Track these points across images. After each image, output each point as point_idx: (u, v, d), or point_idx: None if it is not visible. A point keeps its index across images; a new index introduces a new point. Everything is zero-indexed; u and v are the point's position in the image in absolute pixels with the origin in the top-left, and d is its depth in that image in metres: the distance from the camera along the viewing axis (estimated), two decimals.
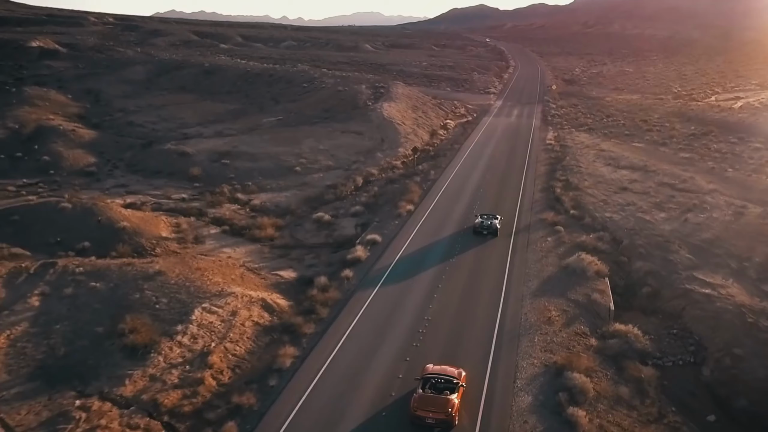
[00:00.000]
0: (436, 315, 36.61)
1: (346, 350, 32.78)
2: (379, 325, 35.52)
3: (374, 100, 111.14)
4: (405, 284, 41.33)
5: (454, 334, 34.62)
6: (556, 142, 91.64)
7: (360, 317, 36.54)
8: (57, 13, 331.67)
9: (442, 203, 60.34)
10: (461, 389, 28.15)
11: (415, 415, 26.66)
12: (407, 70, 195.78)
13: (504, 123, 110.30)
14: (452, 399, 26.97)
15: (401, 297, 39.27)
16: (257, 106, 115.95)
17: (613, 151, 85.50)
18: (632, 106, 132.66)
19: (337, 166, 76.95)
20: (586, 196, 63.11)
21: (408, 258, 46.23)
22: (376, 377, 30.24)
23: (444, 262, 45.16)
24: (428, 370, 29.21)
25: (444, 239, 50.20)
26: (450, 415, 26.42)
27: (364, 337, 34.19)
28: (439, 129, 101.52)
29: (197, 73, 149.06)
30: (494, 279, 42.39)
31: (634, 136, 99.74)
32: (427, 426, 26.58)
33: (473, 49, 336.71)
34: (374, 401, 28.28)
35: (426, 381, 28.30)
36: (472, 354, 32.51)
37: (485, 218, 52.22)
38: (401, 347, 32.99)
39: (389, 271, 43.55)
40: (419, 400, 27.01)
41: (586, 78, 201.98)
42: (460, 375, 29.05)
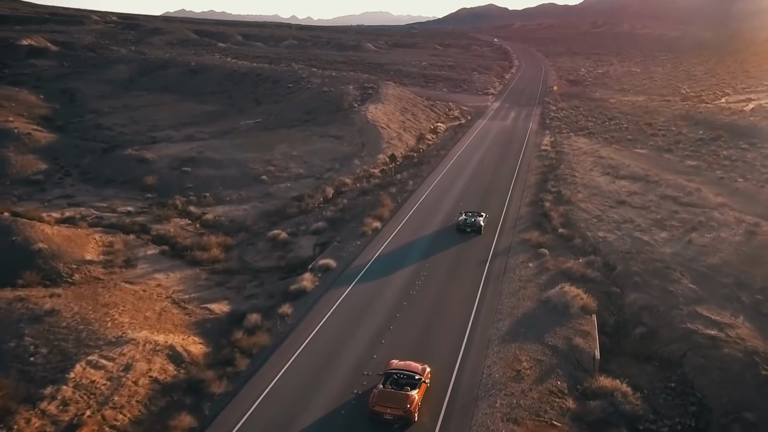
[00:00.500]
0: (376, 371, 29.91)
1: (255, 421, 26.16)
2: (306, 384, 28.84)
3: (361, 101, 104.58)
4: (350, 326, 34.59)
5: None
6: (552, 148, 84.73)
7: (284, 373, 29.87)
8: (61, 11, 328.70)
9: (413, 221, 53.52)
10: (423, 386, 27.63)
11: (373, 411, 26.02)
12: (405, 69, 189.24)
13: (498, 126, 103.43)
14: (412, 395, 26.34)
15: (342, 344, 32.56)
16: (238, 108, 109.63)
17: (612, 159, 78.52)
18: (637, 108, 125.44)
19: (308, 174, 70.37)
20: (578, 212, 56.23)
21: (361, 289, 39.50)
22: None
23: (403, 294, 38.44)
24: (392, 366, 28.74)
25: (408, 266, 43.31)
26: (408, 411, 25.80)
27: (282, 402, 27.52)
28: (428, 133, 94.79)
29: (182, 73, 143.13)
30: (457, 320, 35.56)
31: (637, 141, 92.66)
32: (386, 422, 25.82)
33: (478, 49, 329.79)
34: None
35: (388, 376, 27.72)
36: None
37: (469, 215, 51.20)
38: (327, 422, 26.33)
39: (335, 307, 36.85)
40: (378, 395, 26.42)
41: (592, 78, 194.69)
42: (424, 371, 28.42)
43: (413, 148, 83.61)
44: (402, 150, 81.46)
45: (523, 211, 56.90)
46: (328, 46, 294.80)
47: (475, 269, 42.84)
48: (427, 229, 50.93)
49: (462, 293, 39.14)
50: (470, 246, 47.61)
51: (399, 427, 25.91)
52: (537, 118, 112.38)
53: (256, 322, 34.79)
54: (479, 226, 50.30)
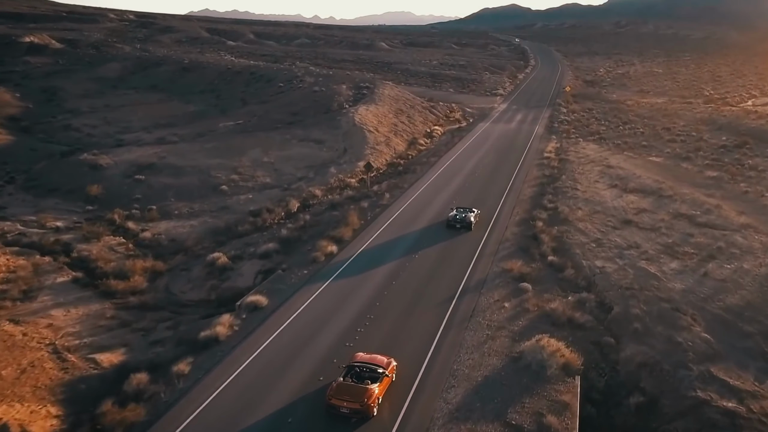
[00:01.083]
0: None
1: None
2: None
3: (353, 102, 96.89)
4: (257, 394, 26.85)
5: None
6: (556, 155, 76.32)
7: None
8: (79, 10, 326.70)
9: (375, 245, 45.60)
10: (386, 380, 26.58)
11: (329, 404, 25.02)
12: (413, 69, 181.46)
13: (501, 130, 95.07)
14: (371, 389, 25.29)
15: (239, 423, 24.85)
16: (222, 108, 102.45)
17: (622, 168, 69.96)
18: (656, 111, 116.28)
19: (275, 183, 62.77)
20: (574, 234, 48.00)
21: (289, 339, 31.70)
22: None
23: (336, 350, 30.55)
24: (356, 358, 27.84)
25: (352, 310, 35.28)
26: (365, 405, 24.70)
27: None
28: (422, 137, 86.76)
29: (174, 71, 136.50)
30: (401, 383, 27.68)
31: (653, 147, 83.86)
32: (342, 416, 24.77)
33: (495, 48, 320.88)
34: None
35: (350, 369, 26.85)
36: None
37: (460, 211, 50.06)
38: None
39: (244, 366, 29.12)
40: (336, 388, 25.43)
41: (610, 79, 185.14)
42: (389, 365, 27.39)
43: (401, 154, 75.63)
44: (388, 156, 73.56)
45: (510, 232, 48.71)
46: (340, 45, 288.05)
47: (435, 312, 34.73)
48: (389, 257, 42.97)
49: (415, 343, 31.17)
50: (439, 275, 39.69)
51: (356, 421, 24.70)
52: (545, 121, 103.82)
53: (140, 386, 27.26)
54: (469, 222, 48.52)
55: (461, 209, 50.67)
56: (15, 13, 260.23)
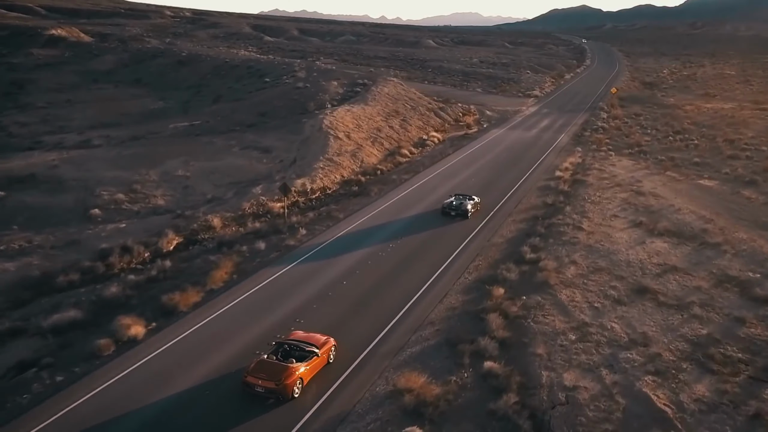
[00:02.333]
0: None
1: None
2: None
3: (340, 101, 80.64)
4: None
5: None
6: (572, 174, 57.95)
7: None
8: (140, 7, 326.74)
9: (218, 325, 28.84)
10: (316, 360, 24.06)
11: (245, 381, 22.77)
12: (447, 66, 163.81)
13: (515, 139, 76.71)
14: (292, 368, 22.88)
15: None
16: (188, 106, 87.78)
17: (657, 196, 51.11)
18: (719, 118, 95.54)
19: (171, 207, 46.75)
20: (549, 313, 30.18)
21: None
22: None
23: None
24: (291, 336, 25.77)
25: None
26: (282, 385, 22.26)
27: None
28: (409, 146, 69.44)
29: (169, 64, 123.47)
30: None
31: (707, 166, 64.40)
32: (258, 396, 22.32)
33: (552, 48, 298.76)
34: None
35: (279, 346, 24.68)
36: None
37: (458, 197, 46.61)
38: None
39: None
40: (255, 364, 23.16)
41: (673, 81, 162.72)
42: (325, 344, 24.87)
43: (368, 169, 58.53)
44: (347, 171, 56.62)
45: (444, 307, 31.14)
46: (385, 42, 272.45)
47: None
48: (221, 354, 26.17)
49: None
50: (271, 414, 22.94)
51: (273, 402, 22.19)
52: (575, 128, 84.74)
53: None
54: (466, 210, 44.85)
55: (460, 195, 46.85)
56: (72, 9, 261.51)
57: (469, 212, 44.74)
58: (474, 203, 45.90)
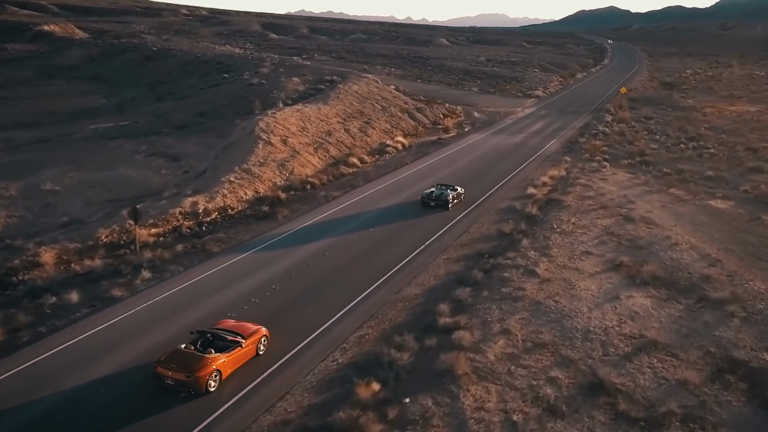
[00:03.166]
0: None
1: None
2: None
3: (296, 99, 70.10)
4: None
5: None
6: (548, 192, 46.37)
7: None
8: (157, 6, 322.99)
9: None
10: (239, 351, 21.36)
11: (154, 372, 20.28)
12: (449, 64, 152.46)
13: (493, 145, 65.09)
14: (208, 359, 20.22)
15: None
16: (125, 105, 77.83)
17: (652, 224, 39.32)
18: (743, 122, 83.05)
19: (5, 233, 36.09)
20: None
21: None
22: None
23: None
24: (218, 324, 23.06)
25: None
26: (194, 377, 19.68)
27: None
28: (363, 153, 58.26)
29: (136, 60, 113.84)
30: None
31: (721, 182, 52.41)
32: (169, 389, 19.87)
33: (572, 47, 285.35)
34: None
35: (201, 335, 22.06)
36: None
37: (439, 187, 43.31)
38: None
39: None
40: (168, 354, 20.69)
41: (695, 81, 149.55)
42: (253, 334, 22.19)
43: (296, 182, 47.36)
44: (266, 186, 45.55)
45: (280, 420, 20.04)
46: (396, 41, 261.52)
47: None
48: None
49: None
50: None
51: (185, 396, 19.79)
52: (571, 133, 72.81)
53: None
54: (446, 200, 41.71)
55: (443, 186, 43.89)
56: (84, 7, 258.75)
57: (450, 203, 41.84)
58: (457, 194, 42.90)
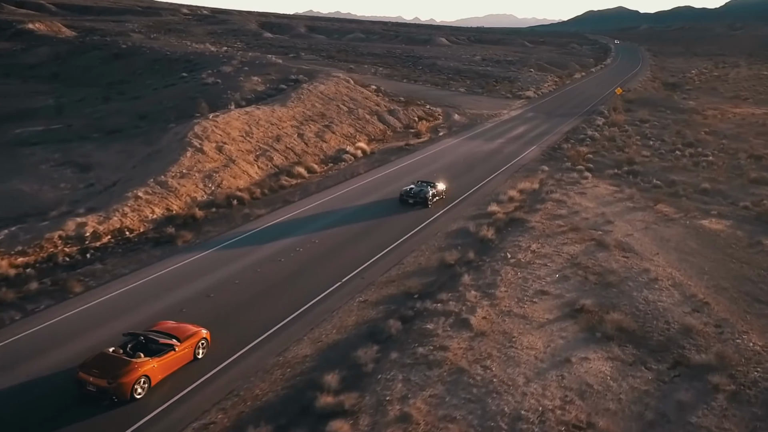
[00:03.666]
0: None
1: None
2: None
3: (252, 100, 63.60)
4: None
5: None
6: (513, 209, 39.60)
7: None
8: (157, 5, 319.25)
9: None
10: (172, 355, 19.50)
11: (77, 378, 18.51)
12: (441, 64, 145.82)
13: (465, 152, 58.32)
14: (135, 364, 18.47)
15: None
16: (64, 107, 71.59)
17: (630, 251, 32.50)
18: (746, 126, 76.05)
19: None
20: None
21: None
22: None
23: None
24: (157, 326, 21.14)
25: None
26: (116, 383, 17.89)
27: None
28: (315, 161, 51.60)
29: (102, 57, 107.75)
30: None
31: (718, 195, 45.57)
32: (91, 395, 18.08)
33: (576, 47, 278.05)
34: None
35: (133, 338, 20.13)
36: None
37: (419, 183, 41.69)
38: None
39: None
40: (92, 358, 18.92)
41: (700, 82, 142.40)
42: (190, 337, 20.27)
43: (221, 197, 40.75)
44: (182, 201, 38.95)
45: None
46: (395, 40, 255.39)
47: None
48: None
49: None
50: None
51: (109, 404, 17.98)
52: (556, 138, 65.99)
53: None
54: (425, 197, 39.97)
55: (423, 182, 41.78)
56: (83, 6, 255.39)
57: (429, 200, 40.25)
58: (437, 191, 41.38)
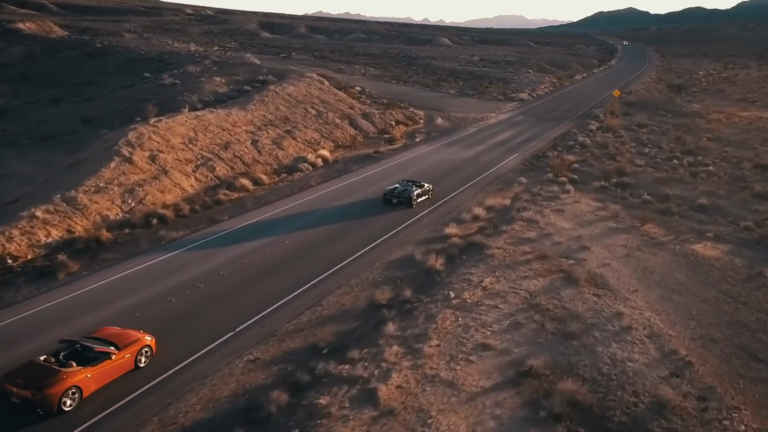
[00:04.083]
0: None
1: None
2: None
3: (210, 103, 58.50)
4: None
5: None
6: (476, 231, 34.14)
7: None
8: (162, 5, 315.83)
9: None
10: (106, 363, 18.17)
11: (1, 389, 17.24)
12: (436, 64, 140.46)
13: (437, 161, 52.72)
14: (65, 373, 17.13)
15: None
16: (6, 110, 66.75)
17: (603, 288, 27.00)
18: (752, 131, 70.24)
19: None
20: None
21: None
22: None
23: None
24: (98, 332, 19.64)
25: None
26: (42, 395, 16.66)
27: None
28: (266, 171, 46.12)
29: (74, 57, 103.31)
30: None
31: (716, 213, 39.90)
32: (16, 408, 16.99)
33: (582, 48, 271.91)
34: None
35: (69, 344, 18.75)
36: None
37: (404, 183, 40.56)
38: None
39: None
40: (19, 368, 17.74)
41: (707, 83, 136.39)
42: (130, 345, 18.87)
43: (140, 215, 35.55)
44: (91, 220, 33.71)
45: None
46: (397, 40, 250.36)
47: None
48: None
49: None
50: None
51: (34, 416, 16.94)
52: (542, 145, 60.43)
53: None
54: (409, 197, 38.46)
55: (409, 182, 40.63)
56: (84, 6, 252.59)
57: (414, 200, 38.82)
58: (423, 190, 39.95)
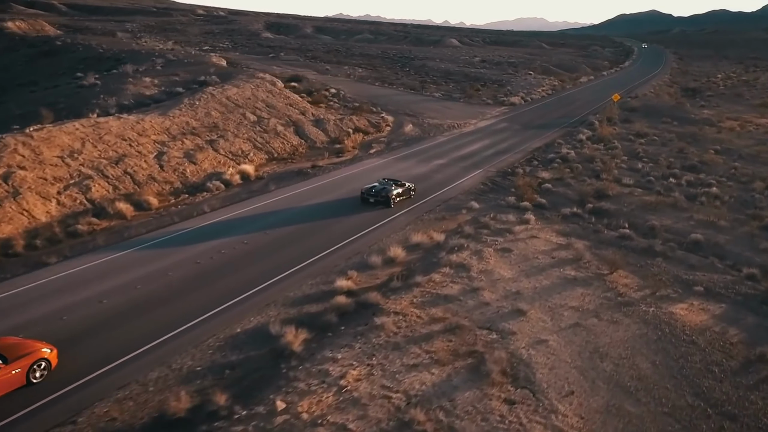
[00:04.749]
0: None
1: None
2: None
3: (132, 107, 50.39)
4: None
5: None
6: (379, 281, 25.25)
7: None
8: (174, 6, 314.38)
9: None
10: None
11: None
12: (431, 65, 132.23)
13: (375, 181, 44.19)
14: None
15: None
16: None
17: (527, 385, 18.12)
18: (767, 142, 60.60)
19: None
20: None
21: None
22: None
23: None
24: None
25: None
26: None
27: None
28: (154, 192, 37.76)
29: (30, 56, 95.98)
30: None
31: (711, 254, 30.62)
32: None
33: (597, 50, 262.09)
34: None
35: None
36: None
37: (383, 181, 38.85)
38: None
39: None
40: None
41: (724, 87, 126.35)
42: (23, 358, 17.49)
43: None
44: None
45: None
46: (403, 41, 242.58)
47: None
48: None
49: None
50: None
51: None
52: (516, 158, 51.26)
53: None
54: (387, 197, 36.65)
55: (389, 180, 38.84)
56: (93, 6, 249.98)
57: (392, 200, 36.51)
58: (404, 190, 37.64)
